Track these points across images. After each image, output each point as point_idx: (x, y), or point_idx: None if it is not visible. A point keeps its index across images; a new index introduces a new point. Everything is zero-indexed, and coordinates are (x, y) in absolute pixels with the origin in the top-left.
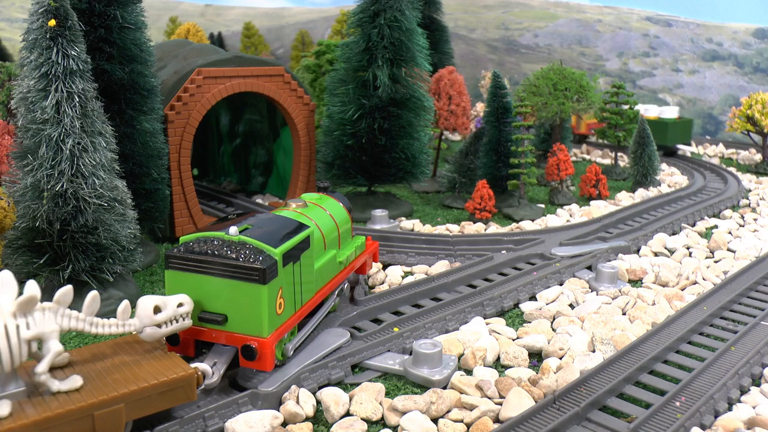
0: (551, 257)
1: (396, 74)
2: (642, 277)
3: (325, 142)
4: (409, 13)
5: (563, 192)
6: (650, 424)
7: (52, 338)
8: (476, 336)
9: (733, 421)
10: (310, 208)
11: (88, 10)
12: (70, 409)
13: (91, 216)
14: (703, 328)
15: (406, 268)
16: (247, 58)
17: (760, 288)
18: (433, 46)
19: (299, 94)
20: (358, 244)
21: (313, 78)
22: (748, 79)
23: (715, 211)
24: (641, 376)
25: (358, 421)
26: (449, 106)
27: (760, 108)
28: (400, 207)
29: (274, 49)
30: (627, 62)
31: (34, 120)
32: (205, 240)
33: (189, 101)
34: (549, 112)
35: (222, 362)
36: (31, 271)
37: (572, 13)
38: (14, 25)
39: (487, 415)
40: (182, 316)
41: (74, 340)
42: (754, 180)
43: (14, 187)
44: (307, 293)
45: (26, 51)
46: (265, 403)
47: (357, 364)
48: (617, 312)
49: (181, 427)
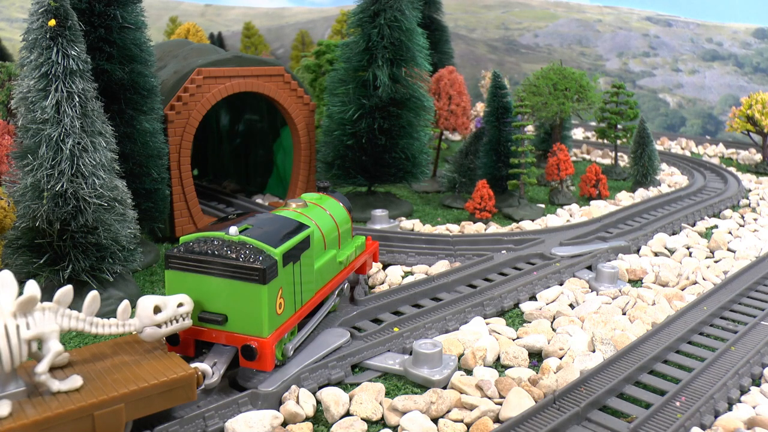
0: (551, 257)
1: (396, 74)
2: (642, 277)
3: (325, 142)
4: (409, 13)
5: (563, 192)
6: (650, 424)
7: (52, 338)
8: (476, 336)
9: (733, 421)
10: (310, 208)
11: (88, 10)
12: (70, 409)
13: (91, 216)
14: (703, 328)
15: (406, 268)
16: (247, 58)
17: (760, 288)
18: (433, 46)
19: (299, 94)
20: (358, 244)
21: (313, 78)
22: (748, 79)
23: (715, 211)
24: (641, 376)
25: (358, 421)
26: (449, 106)
27: (760, 108)
28: (400, 207)
29: (274, 49)
30: (627, 62)
31: (34, 120)
32: (205, 240)
33: (189, 101)
34: (549, 112)
35: (222, 362)
36: (31, 271)
37: (572, 13)
38: (14, 25)
39: (487, 415)
40: (182, 316)
41: (74, 340)
42: (754, 180)
43: (14, 187)
44: (307, 293)
45: (26, 51)
46: (265, 403)
47: (357, 364)
48: (617, 312)
49: (181, 427)
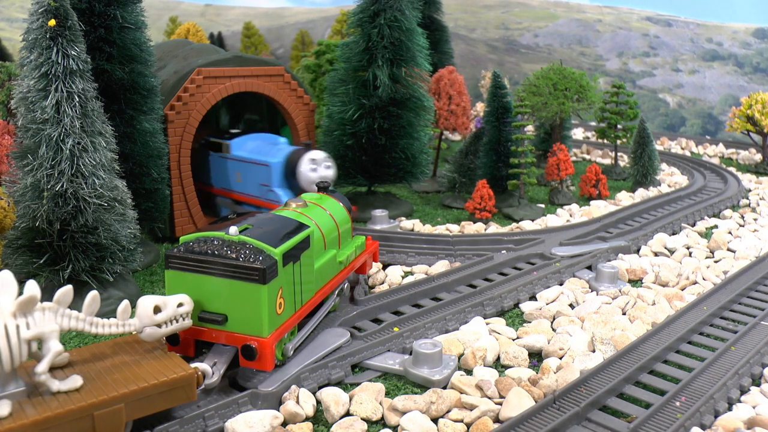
0: (551, 257)
1: (396, 74)
2: (642, 277)
3: (325, 142)
4: (409, 13)
5: (563, 192)
6: (650, 424)
7: (52, 338)
8: (476, 336)
9: (733, 421)
10: (310, 208)
11: (88, 10)
12: (70, 409)
13: (91, 216)
14: (703, 328)
15: (406, 268)
16: (247, 58)
17: (760, 288)
18: (433, 46)
19: (299, 94)
20: (358, 243)
21: (313, 78)
22: (748, 79)
23: (715, 211)
24: (641, 376)
25: (358, 421)
26: (449, 106)
27: (760, 108)
28: (400, 207)
29: (274, 49)
30: (627, 62)
31: (34, 120)
32: (205, 240)
33: (189, 101)
34: (549, 112)
35: (222, 362)
36: (31, 271)
37: (572, 13)
38: (14, 25)
39: (487, 415)
40: (182, 316)
41: (74, 340)
42: (754, 180)
43: (14, 187)
44: (307, 293)
45: (26, 51)
46: (265, 403)
47: (357, 364)
48: (617, 312)
49: (181, 427)
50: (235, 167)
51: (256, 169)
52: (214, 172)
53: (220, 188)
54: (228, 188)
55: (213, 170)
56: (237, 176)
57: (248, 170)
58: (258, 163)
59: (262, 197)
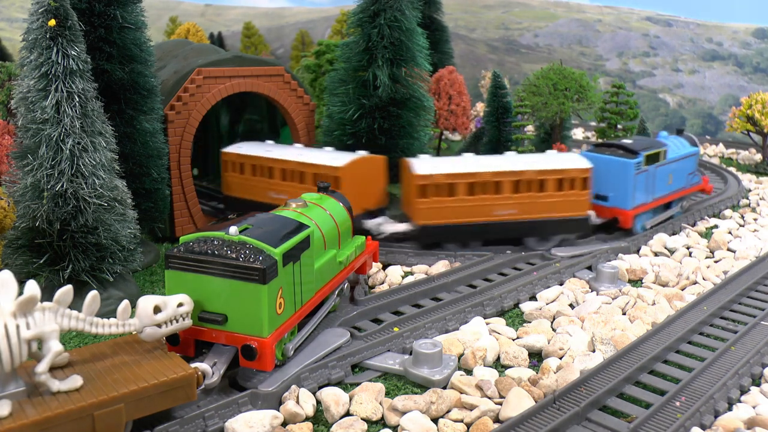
0: (551, 257)
1: (396, 74)
2: (642, 277)
3: (325, 142)
4: (409, 13)
5: None
6: (650, 424)
7: (52, 338)
8: (476, 336)
9: (733, 421)
10: (310, 208)
11: (88, 10)
12: (70, 409)
13: (91, 216)
14: (703, 328)
15: (406, 268)
16: (247, 58)
17: (760, 288)
18: (433, 46)
19: (299, 94)
20: (358, 243)
21: (313, 78)
22: (748, 79)
23: (715, 211)
24: (641, 376)
25: (358, 421)
26: (449, 106)
27: (760, 108)
28: None
29: (274, 49)
30: (627, 62)
31: (34, 120)
32: (205, 240)
33: (189, 101)
34: (549, 112)
35: (222, 362)
36: (31, 271)
37: (572, 13)
38: (14, 25)
39: (487, 415)
40: (182, 316)
41: (74, 340)
42: (754, 180)
43: (14, 187)
44: (307, 293)
45: (26, 51)
46: (265, 403)
47: (357, 364)
48: (617, 312)
49: (181, 427)
50: (668, 171)
51: (684, 163)
52: (648, 187)
53: (651, 201)
54: (661, 196)
55: (647, 185)
56: (669, 179)
57: (679, 168)
58: (686, 156)
59: (687, 185)
